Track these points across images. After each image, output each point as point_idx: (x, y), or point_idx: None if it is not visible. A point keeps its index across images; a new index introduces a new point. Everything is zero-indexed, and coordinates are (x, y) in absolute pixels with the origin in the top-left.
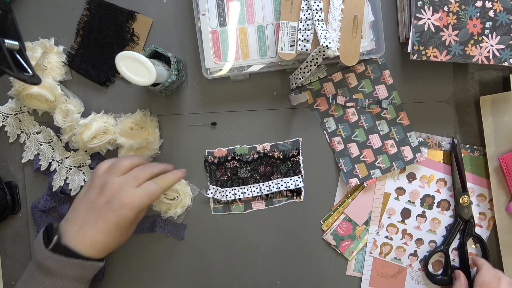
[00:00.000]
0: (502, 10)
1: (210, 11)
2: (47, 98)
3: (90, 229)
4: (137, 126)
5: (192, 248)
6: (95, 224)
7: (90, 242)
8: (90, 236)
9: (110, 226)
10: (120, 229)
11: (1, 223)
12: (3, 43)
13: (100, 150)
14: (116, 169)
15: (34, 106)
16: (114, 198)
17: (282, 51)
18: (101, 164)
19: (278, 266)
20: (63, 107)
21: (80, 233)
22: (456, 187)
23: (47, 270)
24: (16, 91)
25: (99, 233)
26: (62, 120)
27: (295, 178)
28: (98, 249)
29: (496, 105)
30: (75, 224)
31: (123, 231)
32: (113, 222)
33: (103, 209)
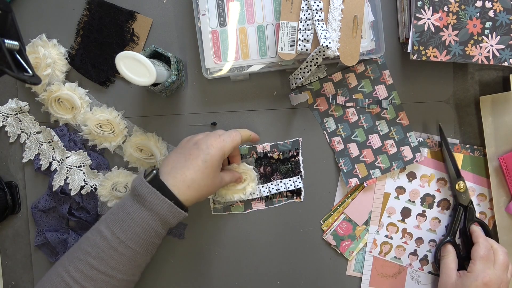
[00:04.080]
0: (502, 10)
1: (210, 11)
2: (76, 104)
3: (181, 167)
4: (146, 148)
5: (192, 248)
6: (185, 162)
7: (181, 178)
8: (181, 172)
9: (199, 163)
10: (207, 168)
11: (1, 223)
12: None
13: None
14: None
15: (59, 114)
16: (201, 141)
17: (282, 51)
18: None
19: (278, 266)
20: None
21: (172, 171)
22: (450, 174)
23: (141, 201)
24: (47, 93)
25: (189, 169)
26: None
27: (295, 179)
28: (189, 185)
29: (496, 105)
30: (167, 165)
31: (210, 171)
32: (201, 159)
33: (191, 149)
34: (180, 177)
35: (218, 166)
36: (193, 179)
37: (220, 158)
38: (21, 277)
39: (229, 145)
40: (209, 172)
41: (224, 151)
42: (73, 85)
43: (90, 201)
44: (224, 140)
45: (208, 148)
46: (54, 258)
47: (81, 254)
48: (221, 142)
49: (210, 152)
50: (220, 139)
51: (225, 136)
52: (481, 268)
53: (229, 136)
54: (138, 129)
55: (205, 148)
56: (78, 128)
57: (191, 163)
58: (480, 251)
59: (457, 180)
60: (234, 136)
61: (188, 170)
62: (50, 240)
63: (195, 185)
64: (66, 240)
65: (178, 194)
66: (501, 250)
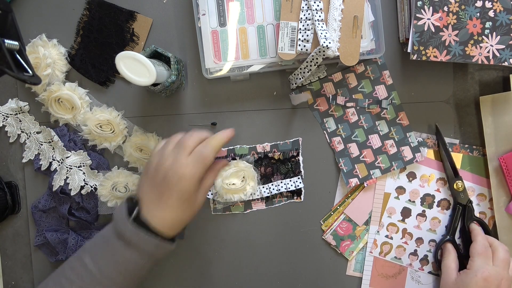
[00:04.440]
0: (502, 10)
1: (210, 11)
2: (76, 104)
3: (156, 209)
4: (146, 148)
5: (192, 248)
6: (159, 202)
7: (160, 220)
8: (158, 215)
9: (173, 201)
10: (184, 202)
11: (1, 223)
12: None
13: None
14: (171, 141)
15: (59, 114)
16: (169, 173)
17: (282, 51)
18: (159, 144)
19: (278, 266)
20: (100, 117)
21: (150, 212)
22: (448, 173)
23: (127, 241)
24: (47, 93)
25: (165, 210)
26: (97, 130)
27: (295, 179)
28: (170, 225)
29: (496, 105)
30: (144, 203)
31: (188, 203)
32: (175, 197)
33: (162, 186)
34: (160, 217)
35: (195, 193)
36: (172, 218)
37: (195, 186)
38: (21, 277)
39: (201, 168)
40: (188, 204)
41: (197, 177)
42: (73, 85)
43: (90, 201)
44: (194, 165)
45: (180, 182)
46: (54, 258)
47: (66, 283)
48: (191, 169)
49: (183, 187)
50: (189, 165)
51: (194, 160)
52: (480, 264)
53: (198, 159)
54: (138, 129)
55: (176, 183)
56: (78, 128)
57: (166, 202)
58: (477, 247)
59: (455, 180)
60: (204, 156)
61: (165, 212)
62: (50, 240)
63: (177, 221)
64: (66, 240)
65: (162, 232)
66: (501, 247)
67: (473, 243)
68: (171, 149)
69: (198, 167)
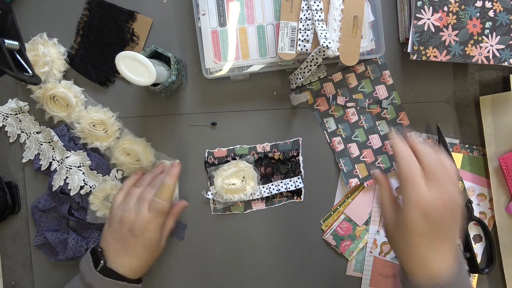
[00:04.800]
0: (502, 10)
1: (210, 11)
2: (71, 102)
3: (123, 257)
4: (134, 153)
5: (192, 248)
6: (126, 252)
7: (127, 267)
8: (126, 263)
9: (139, 250)
10: (150, 250)
11: (1, 223)
12: (3, 43)
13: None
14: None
15: (54, 111)
16: (134, 226)
17: (282, 51)
18: (117, 196)
19: (278, 266)
20: (94, 116)
21: (117, 261)
22: None
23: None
24: (42, 91)
25: (132, 258)
26: (90, 128)
27: (295, 179)
28: (136, 271)
29: (496, 105)
30: (109, 253)
31: (153, 250)
32: (140, 246)
33: (128, 238)
34: (127, 266)
35: (159, 240)
36: (139, 266)
37: (159, 235)
38: (21, 277)
39: (161, 219)
40: (153, 250)
41: (160, 227)
42: (69, 83)
43: None
44: (155, 217)
45: (144, 233)
46: (54, 258)
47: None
48: (153, 222)
49: (148, 237)
50: (150, 218)
51: (153, 213)
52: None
53: (157, 212)
54: (129, 133)
55: (140, 234)
56: (72, 126)
57: (133, 251)
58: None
59: None
60: (161, 208)
61: (132, 260)
62: (50, 240)
63: (143, 266)
64: (66, 240)
65: (130, 276)
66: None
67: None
68: (133, 203)
69: (159, 218)
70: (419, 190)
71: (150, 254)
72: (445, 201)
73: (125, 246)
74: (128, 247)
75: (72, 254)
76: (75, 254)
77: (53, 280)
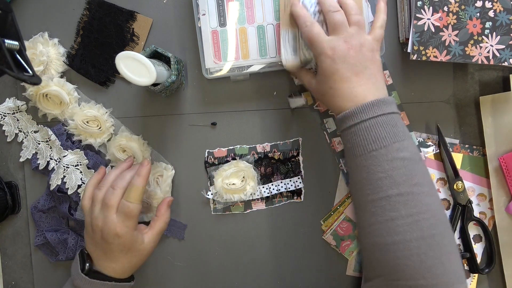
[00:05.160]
0: (502, 10)
1: (210, 11)
2: (64, 99)
3: (104, 261)
4: (129, 150)
5: (192, 248)
6: (105, 257)
7: (111, 270)
8: (108, 266)
9: (117, 254)
10: (128, 252)
11: (1, 223)
12: (3, 43)
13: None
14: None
15: (47, 109)
16: (103, 233)
17: (285, 60)
18: (82, 201)
19: (278, 266)
20: (88, 112)
21: (100, 264)
22: (448, 174)
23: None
24: (35, 89)
25: (113, 262)
26: (84, 125)
27: (295, 179)
28: (122, 272)
29: (496, 105)
30: (93, 257)
31: (132, 253)
32: (116, 251)
33: (102, 244)
34: (110, 269)
35: (135, 243)
36: (122, 267)
37: (131, 238)
38: (21, 277)
39: (131, 222)
40: (132, 253)
41: (131, 230)
42: (62, 81)
43: None
44: (123, 222)
45: (115, 238)
46: (54, 258)
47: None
48: (121, 226)
49: (120, 242)
50: (118, 223)
51: (122, 217)
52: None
53: (126, 216)
54: (125, 130)
55: (112, 240)
56: (66, 123)
57: (111, 256)
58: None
59: (455, 180)
60: (129, 211)
61: (113, 263)
62: (50, 240)
63: (127, 268)
64: (66, 240)
65: (117, 277)
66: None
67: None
68: (98, 209)
69: (128, 222)
70: (321, 41)
71: (130, 257)
72: (351, 42)
73: (103, 251)
74: (105, 253)
75: (72, 254)
76: (75, 254)
77: (53, 280)
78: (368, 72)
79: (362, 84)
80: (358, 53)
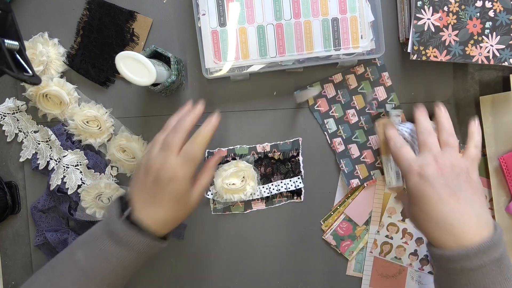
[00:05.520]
0: (502, 10)
1: (210, 11)
2: (64, 100)
3: (149, 207)
4: (129, 150)
5: (192, 248)
6: (152, 203)
7: (153, 219)
8: (152, 215)
9: (165, 202)
10: (177, 202)
11: (1, 223)
12: (3, 43)
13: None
14: (156, 142)
15: (47, 109)
16: (159, 175)
17: (389, 183)
18: (147, 147)
19: (278, 266)
20: (88, 112)
21: (142, 212)
22: None
23: (117, 240)
24: (35, 89)
25: (158, 210)
26: (84, 125)
27: (295, 179)
28: (162, 224)
29: (496, 105)
30: (136, 203)
31: (181, 203)
32: (166, 198)
33: (153, 188)
34: (153, 217)
35: (187, 193)
36: (165, 218)
37: (186, 186)
38: (21, 277)
39: (191, 168)
40: (181, 204)
41: (188, 177)
42: (62, 81)
43: None
44: (183, 165)
45: (170, 183)
46: None
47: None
48: (180, 170)
49: (173, 188)
50: (178, 166)
51: (183, 160)
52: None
53: (187, 159)
54: (125, 130)
55: (166, 185)
56: (66, 123)
57: (159, 202)
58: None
59: None
60: (192, 155)
61: (157, 211)
62: (50, 240)
63: (169, 222)
64: (66, 240)
65: (154, 231)
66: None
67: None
68: (157, 150)
69: (188, 167)
70: (408, 158)
71: (177, 208)
72: (441, 161)
73: (151, 196)
74: (154, 198)
75: None
76: None
77: None
78: (463, 195)
79: (458, 210)
80: (450, 173)
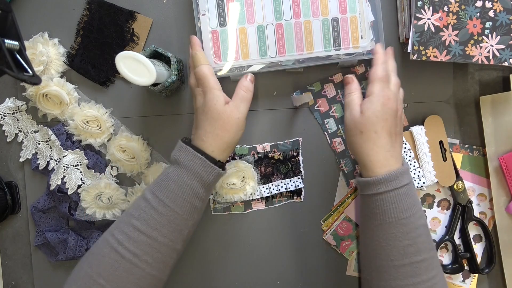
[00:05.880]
0: (502, 10)
1: (210, 11)
2: (64, 99)
3: (211, 133)
4: (129, 150)
5: (192, 248)
6: (214, 133)
7: (216, 143)
8: (213, 138)
9: (232, 127)
10: (240, 128)
11: (1, 223)
12: (3, 43)
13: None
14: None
15: (47, 109)
16: (229, 107)
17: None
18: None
19: (278, 266)
20: (88, 112)
21: (205, 138)
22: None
23: (177, 161)
24: (35, 89)
25: (222, 134)
26: (84, 125)
27: (295, 179)
28: (223, 149)
29: (496, 105)
30: (199, 133)
31: (241, 129)
32: (204, 117)
33: (217, 120)
34: (215, 143)
35: (215, 104)
36: (228, 142)
37: (244, 115)
38: (21, 277)
39: (247, 104)
40: (241, 129)
41: (200, 93)
42: (62, 81)
43: None
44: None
45: (235, 113)
46: (54, 258)
47: (126, 217)
48: (205, 71)
49: (240, 117)
50: (202, 69)
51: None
52: (380, 88)
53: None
54: (125, 130)
55: (234, 114)
56: (66, 123)
57: (201, 125)
58: (378, 72)
59: (455, 180)
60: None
61: (222, 134)
62: (50, 240)
63: (230, 147)
64: (66, 240)
65: (214, 156)
66: (393, 72)
67: (373, 68)
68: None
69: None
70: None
71: (239, 132)
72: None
73: (216, 125)
74: (198, 122)
75: (72, 254)
76: (75, 254)
77: (53, 280)
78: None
79: (396, 149)
80: (396, 115)
